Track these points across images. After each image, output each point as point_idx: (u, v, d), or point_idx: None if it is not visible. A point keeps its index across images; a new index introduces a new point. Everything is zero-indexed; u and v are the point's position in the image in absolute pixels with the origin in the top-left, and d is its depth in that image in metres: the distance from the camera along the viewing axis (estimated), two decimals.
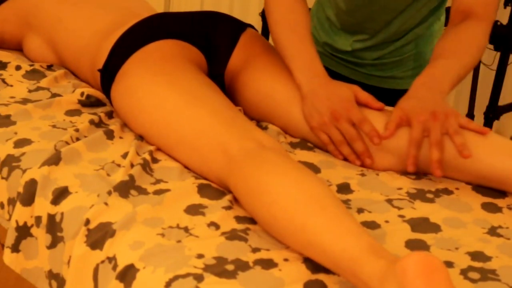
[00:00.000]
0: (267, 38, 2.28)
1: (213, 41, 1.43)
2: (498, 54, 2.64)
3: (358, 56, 1.61)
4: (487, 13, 1.34)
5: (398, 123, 1.20)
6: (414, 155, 1.17)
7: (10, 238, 1.10)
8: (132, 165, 1.15)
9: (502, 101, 2.84)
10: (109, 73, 1.32)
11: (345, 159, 1.27)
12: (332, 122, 1.24)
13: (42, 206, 1.08)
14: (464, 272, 0.93)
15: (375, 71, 1.62)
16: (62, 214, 1.05)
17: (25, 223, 1.10)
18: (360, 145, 1.23)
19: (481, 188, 1.19)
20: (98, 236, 0.98)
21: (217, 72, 1.42)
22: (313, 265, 0.91)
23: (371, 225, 1.04)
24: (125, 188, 1.07)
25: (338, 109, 1.23)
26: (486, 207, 1.13)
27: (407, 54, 1.59)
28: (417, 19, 1.53)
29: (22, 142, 1.22)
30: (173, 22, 1.41)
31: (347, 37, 1.60)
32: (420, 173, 1.23)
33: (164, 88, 1.21)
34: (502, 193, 1.17)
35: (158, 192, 1.08)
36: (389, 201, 1.12)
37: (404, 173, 1.23)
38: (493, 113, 2.71)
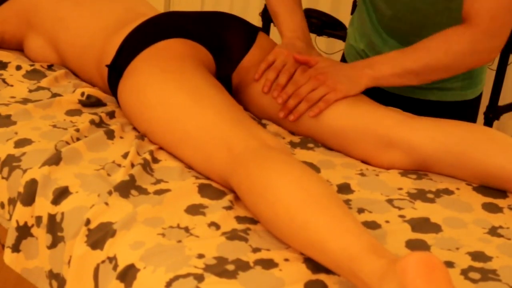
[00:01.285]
0: None
1: (224, 42, 1.43)
2: (498, 54, 2.64)
3: None
4: (477, 21, 1.26)
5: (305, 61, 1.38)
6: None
7: (10, 238, 1.10)
8: (132, 165, 1.15)
9: (502, 101, 2.84)
10: (117, 69, 1.33)
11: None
12: (288, 56, 1.39)
13: (43, 206, 1.08)
14: (464, 272, 0.93)
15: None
16: (62, 214, 1.05)
17: (26, 223, 1.10)
18: (282, 79, 1.36)
19: (482, 188, 1.19)
20: (99, 236, 0.98)
21: (225, 73, 1.42)
22: (314, 265, 0.91)
23: (372, 225, 1.04)
24: (126, 188, 1.07)
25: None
26: (487, 207, 1.13)
27: None
28: None
29: (22, 142, 1.22)
30: (183, 21, 1.42)
31: (394, 45, 1.53)
32: (421, 174, 1.23)
33: (171, 86, 1.22)
34: (502, 193, 1.17)
35: (159, 192, 1.08)
36: (390, 201, 1.12)
37: (405, 173, 1.23)
38: (493, 113, 2.70)
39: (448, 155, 1.19)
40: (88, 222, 1.00)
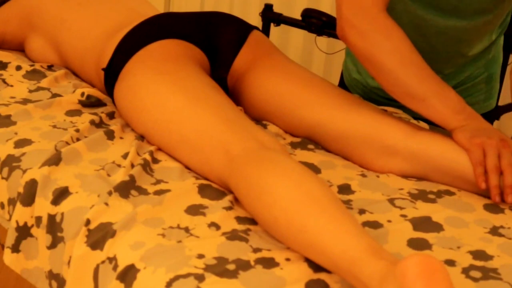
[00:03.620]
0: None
1: (217, 43, 1.42)
2: None
3: None
4: None
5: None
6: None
7: (10, 238, 1.10)
8: (132, 165, 1.15)
9: (502, 101, 2.83)
10: (112, 72, 1.32)
11: (485, 192, 1.16)
12: (498, 146, 1.13)
13: (43, 206, 1.08)
14: (465, 271, 0.93)
15: None
16: (62, 214, 1.05)
17: (25, 223, 1.09)
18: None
19: None
20: (99, 236, 0.98)
21: (220, 75, 1.42)
22: (315, 265, 0.91)
23: (373, 225, 1.04)
24: (126, 188, 1.06)
25: (506, 139, 1.15)
26: (488, 207, 1.12)
27: (479, 78, 1.48)
28: (485, 42, 1.43)
29: (22, 142, 1.22)
30: (178, 22, 1.41)
31: None
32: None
33: (166, 88, 1.21)
34: None
35: (159, 193, 1.08)
36: (391, 201, 1.12)
37: (405, 176, 1.22)
38: (493, 113, 2.70)
39: (453, 170, 1.17)
40: (88, 222, 1.00)
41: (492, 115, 2.69)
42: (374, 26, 1.21)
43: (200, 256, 0.91)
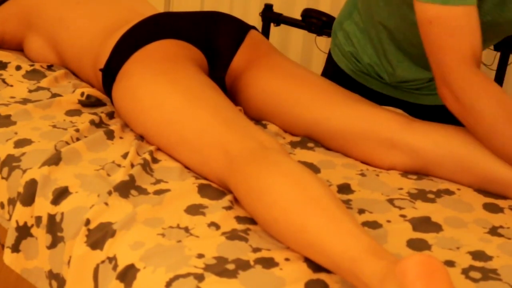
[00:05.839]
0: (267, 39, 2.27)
1: (215, 43, 1.42)
2: (498, 54, 2.64)
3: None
4: None
5: None
6: None
7: (10, 238, 1.10)
8: (132, 165, 1.15)
9: None
10: (110, 72, 1.32)
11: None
12: None
13: (42, 206, 1.08)
14: (465, 272, 0.93)
15: (429, 90, 1.51)
16: (62, 214, 1.05)
17: (25, 223, 1.10)
18: None
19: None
20: (99, 236, 0.98)
21: (218, 75, 1.42)
22: (315, 265, 0.91)
23: (373, 225, 1.04)
24: (125, 188, 1.06)
25: None
26: (488, 207, 1.12)
27: None
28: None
29: (22, 142, 1.22)
30: (176, 22, 1.41)
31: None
32: (421, 174, 1.23)
33: (165, 88, 1.21)
34: None
35: (158, 192, 1.08)
36: (390, 201, 1.12)
37: (405, 174, 1.23)
38: None
39: (450, 160, 1.18)
40: (88, 222, 1.00)
41: None
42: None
43: (200, 256, 0.91)
